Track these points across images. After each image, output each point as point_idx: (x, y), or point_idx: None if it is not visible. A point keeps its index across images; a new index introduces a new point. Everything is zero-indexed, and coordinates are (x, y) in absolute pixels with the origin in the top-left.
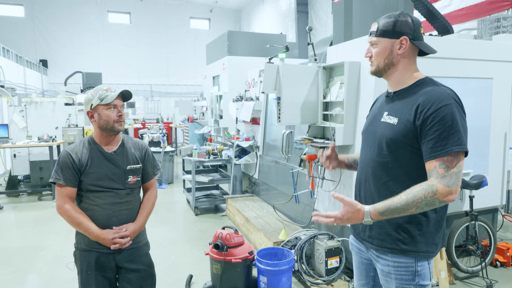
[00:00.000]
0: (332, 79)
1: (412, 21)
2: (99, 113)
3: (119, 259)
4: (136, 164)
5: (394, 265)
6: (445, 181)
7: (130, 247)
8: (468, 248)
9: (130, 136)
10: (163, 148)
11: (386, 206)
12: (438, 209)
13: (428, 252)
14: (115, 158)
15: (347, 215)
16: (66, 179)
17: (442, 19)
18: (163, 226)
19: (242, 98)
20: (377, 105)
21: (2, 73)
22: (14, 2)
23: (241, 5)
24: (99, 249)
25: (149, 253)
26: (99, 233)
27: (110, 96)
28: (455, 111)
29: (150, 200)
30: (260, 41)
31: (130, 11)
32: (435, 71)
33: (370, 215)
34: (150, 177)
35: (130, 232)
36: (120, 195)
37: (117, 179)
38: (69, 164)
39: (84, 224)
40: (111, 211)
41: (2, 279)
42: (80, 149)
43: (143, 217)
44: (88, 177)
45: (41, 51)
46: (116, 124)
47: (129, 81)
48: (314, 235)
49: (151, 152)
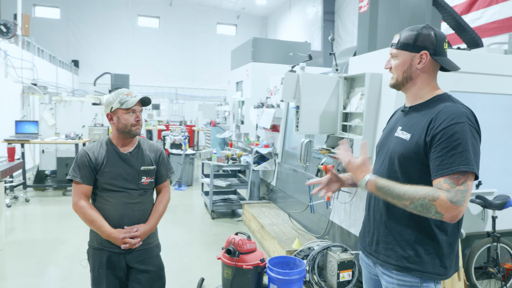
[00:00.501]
0: (353, 89)
1: (435, 35)
2: (118, 116)
3: (130, 259)
4: (150, 165)
5: (398, 283)
6: (450, 194)
7: (141, 248)
8: (489, 270)
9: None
10: (184, 151)
11: (386, 184)
12: (450, 231)
13: (435, 274)
14: (130, 158)
15: (355, 165)
16: (83, 176)
17: (471, 32)
18: (180, 228)
19: (263, 105)
20: (393, 119)
21: (36, 71)
22: (51, 4)
23: (268, 12)
24: (110, 248)
25: (160, 255)
26: (111, 232)
27: (130, 101)
28: (466, 130)
29: (162, 202)
30: (285, 48)
31: (159, 15)
32: (462, 86)
33: (367, 182)
34: (164, 179)
35: (141, 233)
36: (133, 196)
37: (131, 179)
38: (86, 162)
39: (97, 222)
40: (123, 211)
41: (24, 269)
42: (97, 149)
43: (155, 219)
44: (103, 176)
45: (74, 52)
46: (133, 128)
47: (155, 83)
48: (328, 247)
49: (165, 155)
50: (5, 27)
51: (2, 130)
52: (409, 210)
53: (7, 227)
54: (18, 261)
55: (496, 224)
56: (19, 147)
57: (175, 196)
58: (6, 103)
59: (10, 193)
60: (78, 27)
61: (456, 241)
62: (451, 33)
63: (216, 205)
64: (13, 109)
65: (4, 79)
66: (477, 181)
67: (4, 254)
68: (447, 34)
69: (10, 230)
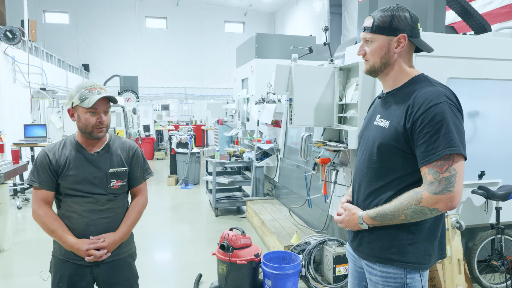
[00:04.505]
0: (349, 80)
1: (410, 17)
2: (78, 114)
3: (98, 273)
4: (121, 167)
5: (382, 275)
6: (431, 188)
7: (110, 259)
8: (492, 263)
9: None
10: (189, 150)
11: (377, 211)
12: (432, 218)
13: (419, 263)
14: (97, 159)
15: (345, 218)
16: (42, 181)
17: (478, 17)
18: (183, 225)
19: (264, 100)
20: (372, 107)
21: (45, 76)
22: (60, 9)
23: (275, 8)
24: (75, 260)
25: (134, 264)
26: (74, 242)
27: (90, 100)
28: (445, 110)
29: (136, 208)
30: (289, 43)
31: (166, 16)
32: (468, 72)
33: (363, 219)
34: (139, 181)
35: (108, 243)
36: (100, 202)
37: (98, 183)
38: (45, 165)
39: (58, 232)
40: (89, 219)
41: (29, 267)
42: (59, 149)
43: (126, 227)
44: (66, 180)
45: (84, 56)
46: (95, 130)
47: (165, 84)
48: (324, 241)
49: (141, 153)
50: (11, 33)
51: (13, 135)
52: (411, 221)
53: (17, 228)
54: (24, 260)
55: (500, 215)
56: (28, 151)
57: (182, 194)
58: (15, 108)
59: (21, 195)
60: (87, 31)
61: (438, 227)
62: (458, 21)
63: (220, 202)
64: (22, 113)
65: (13, 85)
66: (480, 172)
67: (11, 254)
68: (454, 22)
69: (19, 231)
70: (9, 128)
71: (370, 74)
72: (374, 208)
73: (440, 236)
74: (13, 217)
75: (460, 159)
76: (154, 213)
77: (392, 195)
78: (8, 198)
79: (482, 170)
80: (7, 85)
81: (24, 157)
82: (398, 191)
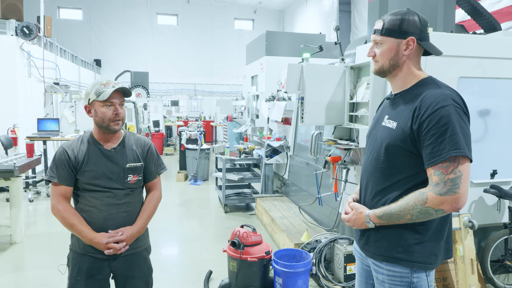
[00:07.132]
0: (360, 79)
1: (419, 20)
2: (95, 109)
3: (115, 266)
4: (137, 162)
5: (388, 273)
6: (437, 189)
7: (127, 253)
8: (506, 263)
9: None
10: (199, 146)
11: (383, 210)
12: (438, 218)
13: (426, 263)
14: (114, 155)
15: (352, 216)
16: (61, 177)
17: (488, 16)
18: (192, 222)
19: (274, 98)
20: (381, 108)
21: (59, 71)
22: (74, 6)
23: (285, 6)
24: (93, 253)
25: (149, 258)
26: (93, 236)
27: (106, 93)
28: (451, 113)
29: (152, 202)
30: (299, 41)
31: (177, 13)
32: (478, 71)
33: (370, 218)
34: (153, 176)
35: (127, 237)
36: (118, 196)
37: (115, 178)
38: (64, 161)
39: (77, 226)
40: (107, 213)
41: (40, 260)
42: (77, 146)
43: (143, 220)
44: (84, 175)
45: (96, 51)
46: (112, 123)
47: (174, 80)
48: (334, 239)
49: (155, 150)
50: (27, 29)
51: (27, 128)
52: (416, 221)
53: (29, 220)
54: (35, 253)
55: None
56: (41, 144)
57: (191, 190)
58: (29, 102)
59: (33, 188)
60: (100, 27)
61: (445, 227)
62: (468, 19)
63: (230, 199)
64: (36, 107)
65: (28, 79)
66: (492, 170)
67: (23, 246)
68: (464, 21)
69: (31, 224)
70: (22, 122)
71: (379, 75)
72: (381, 207)
73: (446, 236)
74: (25, 210)
75: (465, 161)
76: (163, 209)
77: (399, 195)
78: (22, 191)
79: (494, 169)
80: (22, 80)
81: (36, 150)
82: (405, 191)
